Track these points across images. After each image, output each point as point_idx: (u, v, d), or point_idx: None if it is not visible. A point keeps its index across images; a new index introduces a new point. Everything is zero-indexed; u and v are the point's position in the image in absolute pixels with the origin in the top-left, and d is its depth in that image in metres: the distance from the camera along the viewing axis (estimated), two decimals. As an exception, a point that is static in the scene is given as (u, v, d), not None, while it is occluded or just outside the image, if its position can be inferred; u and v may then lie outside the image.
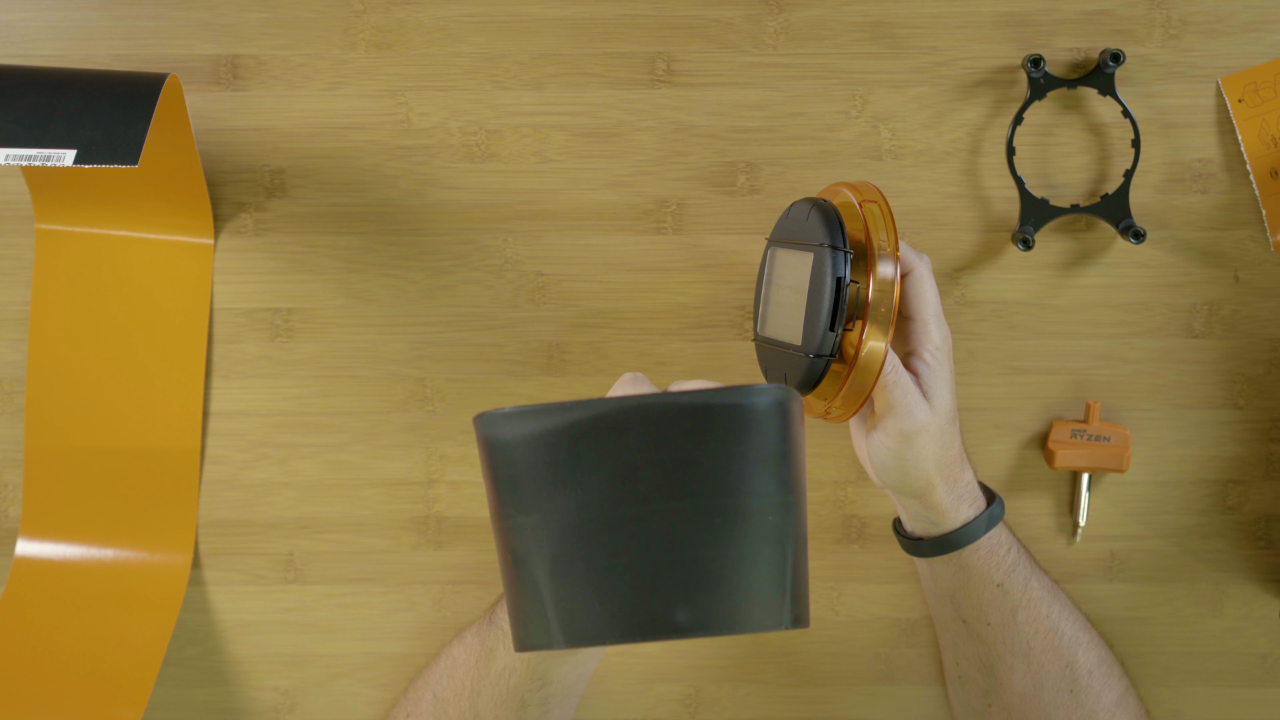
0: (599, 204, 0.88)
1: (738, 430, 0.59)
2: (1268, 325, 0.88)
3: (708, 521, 0.58)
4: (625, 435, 0.58)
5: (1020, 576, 0.82)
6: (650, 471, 0.58)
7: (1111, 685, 0.84)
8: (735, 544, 0.59)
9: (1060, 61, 0.86)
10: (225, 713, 0.91)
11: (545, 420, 0.59)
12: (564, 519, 0.59)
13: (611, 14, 0.86)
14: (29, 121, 0.71)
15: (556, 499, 0.59)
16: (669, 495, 0.58)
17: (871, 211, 0.76)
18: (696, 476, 0.58)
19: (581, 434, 0.59)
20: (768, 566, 0.60)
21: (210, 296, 0.88)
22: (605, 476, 0.58)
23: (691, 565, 0.58)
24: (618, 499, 0.58)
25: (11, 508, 0.89)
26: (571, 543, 0.59)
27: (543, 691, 0.82)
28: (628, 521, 0.58)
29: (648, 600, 0.58)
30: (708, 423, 0.59)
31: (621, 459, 0.58)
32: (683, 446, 0.58)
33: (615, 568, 0.58)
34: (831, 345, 0.74)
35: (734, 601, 0.59)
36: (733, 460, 0.59)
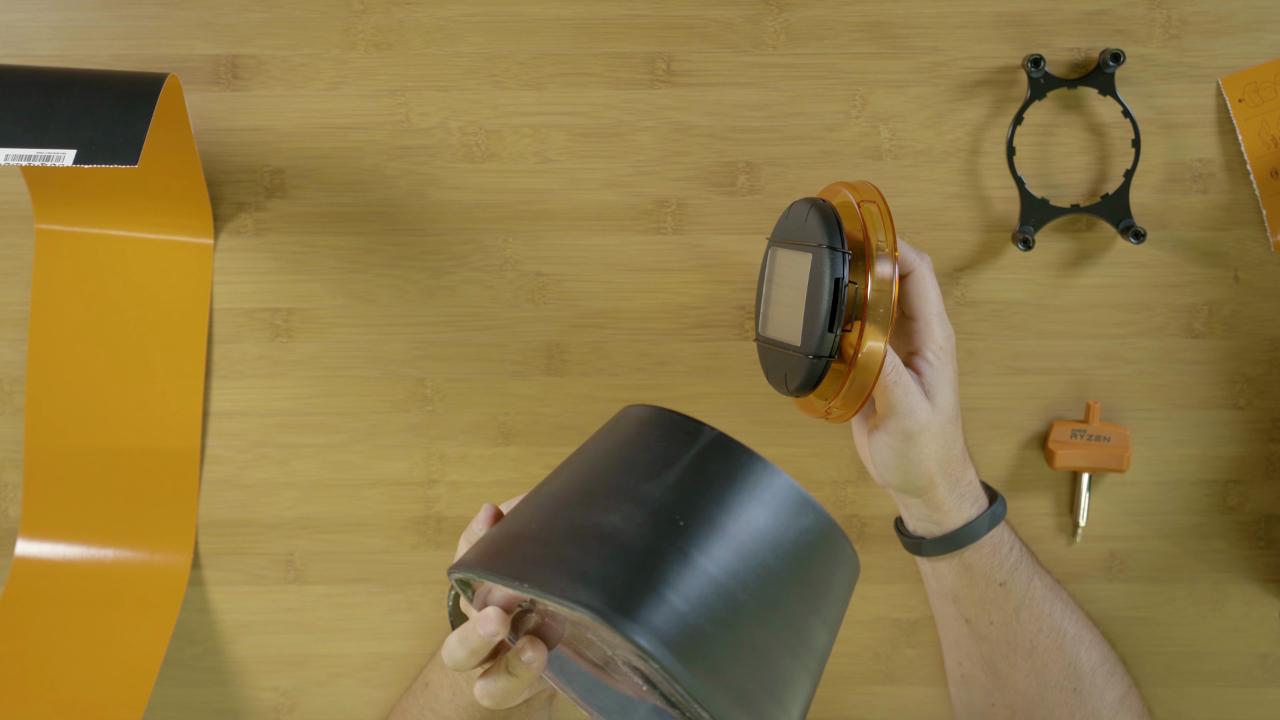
0: (599, 204, 0.87)
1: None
2: (1268, 325, 0.88)
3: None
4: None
5: (1023, 575, 0.82)
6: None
7: (1114, 684, 0.84)
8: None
9: (1060, 61, 0.86)
10: (225, 713, 0.91)
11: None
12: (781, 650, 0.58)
13: (611, 14, 0.86)
14: (29, 121, 0.71)
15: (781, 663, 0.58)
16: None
17: (870, 211, 0.76)
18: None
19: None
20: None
21: (210, 296, 0.88)
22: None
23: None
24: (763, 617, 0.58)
25: (11, 508, 0.89)
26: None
27: (549, 707, 0.83)
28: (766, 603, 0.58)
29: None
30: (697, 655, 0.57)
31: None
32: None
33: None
34: (830, 346, 0.74)
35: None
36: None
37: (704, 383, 0.88)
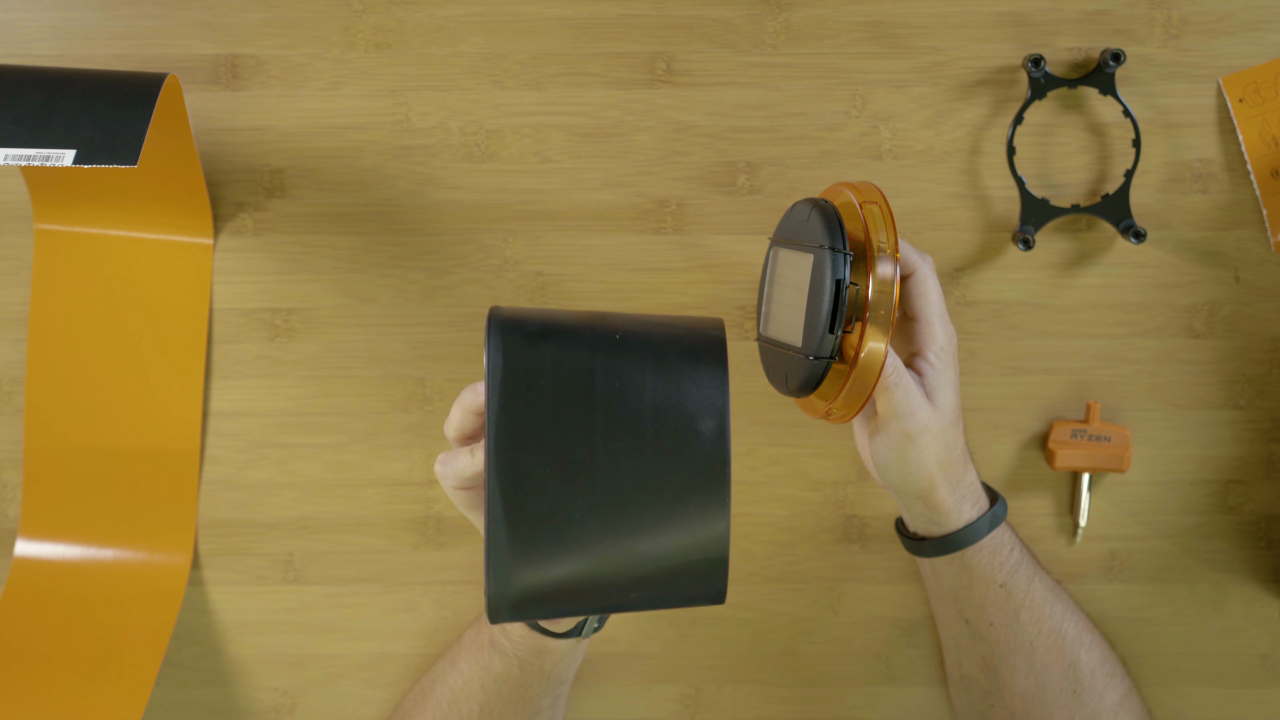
0: (599, 204, 0.87)
1: (529, 367, 0.64)
2: (1268, 325, 0.88)
3: (625, 400, 0.64)
4: (527, 469, 0.63)
5: (1023, 576, 0.82)
6: (562, 450, 0.63)
7: (1114, 685, 0.83)
8: (647, 376, 0.65)
9: (1060, 61, 0.86)
10: (225, 713, 0.91)
11: (502, 530, 0.63)
12: (596, 531, 0.63)
13: (611, 14, 0.86)
14: (29, 121, 0.71)
15: (572, 539, 0.64)
16: (588, 432, 0.64)
17: (871, 212, 0.76)
18: (571, 409, 0.64)
19: (521, 503, 0.63)
20: (666, 357, 0.66)
21: (210, 296, 0.88)
22: (563, 486, 0.63)
23: (660, 418, 0.64)
24: (589, 478, 0.63)
25: (11, 508, 0.89)
26: (623, 524, 0.63)
27: (556, 692, 0.83)
28: (610, 469, 0.63)
29: (692, 455, 0.63)
30: (518, 389, 0.64)
31: (550, 473, 0.63)
32: (541, 425, 0.64)
33: (654, 481, 0.63)
34: (831, 347, 0.74)
35: (696, 370, 0.65)
36: (562, 368, 0.65)
37: (704, 383, 0.88)
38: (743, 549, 0.90)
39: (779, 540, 0.89)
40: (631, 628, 0.90)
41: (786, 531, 0.89)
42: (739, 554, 0.89)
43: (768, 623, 0.90)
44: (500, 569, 0.63)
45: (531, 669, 0.80)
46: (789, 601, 0.90)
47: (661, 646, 0.90)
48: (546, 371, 0.63)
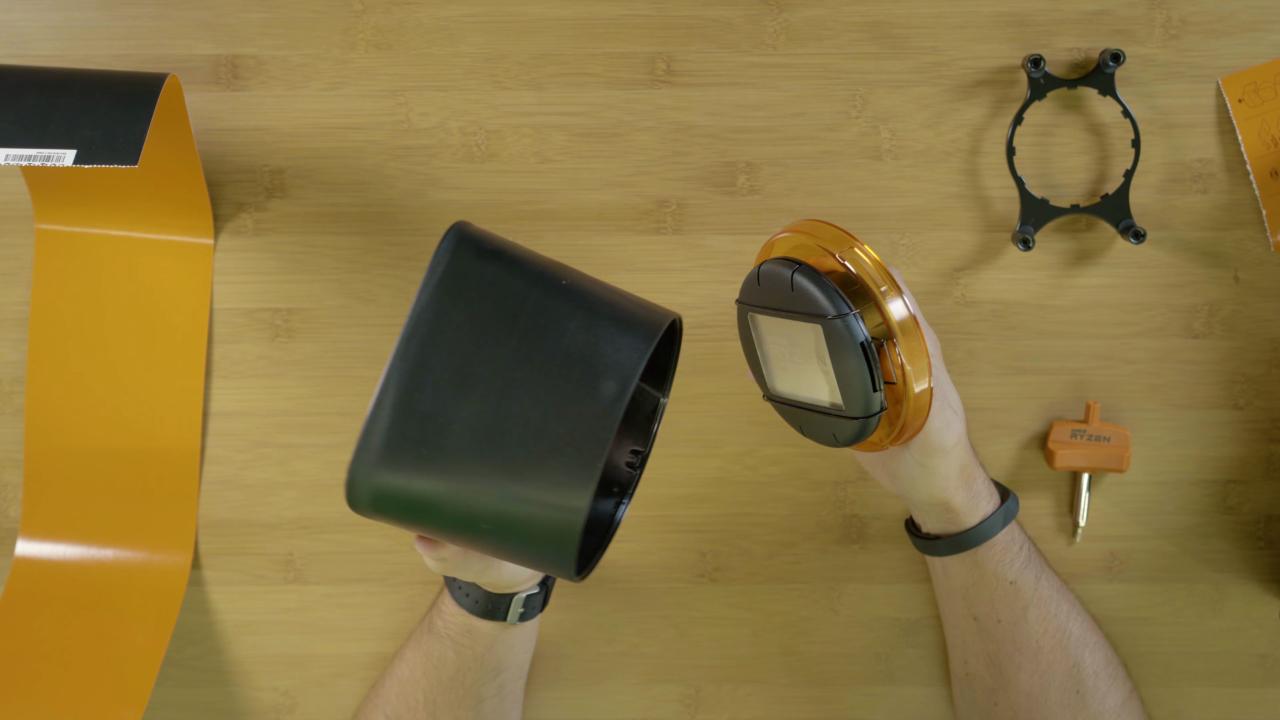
0: (599, 204, 0.88)
1: (470, 278, 0.66)
2: (1268, 325, 0.88)
3: (542, 338, 0.66)
4: (429, 366, 0.65)
5: (1032, 574, 0.82)
6: (469, 360, 0.65)
7: (1117, 687, 0.84)
8: (573, 325, 0.66)
9: (1060, 61, 0.86)
10: (225, 713, 0.91)
11: (370, 452, 0.66)
12: (471, 450, 0.65)
13: (611, 14, 0.86)
14: (29, 121, 0.71)
15: (448, 451, 0.65)
16: (499, 353, 0.65)
17: (855, 257, 0.73)
18: (492, 327, 0.65)
19: (411, 396, 0.65)
20: (598, 317, 0.67)
21: (210, 296, 0.88)
22: (455, 396, 0.65)
23: (568, 367, 0.65)
24: (482, 394, 0.65)
25: (11, 508, 0.89)
26: (497, 453, 0.65)
27: (497, 681, 0.84)
28: (504, 393, 0.65)
29: (584, 408, 0.65)
30: (450, 295, 0.65)
31: (449, 378, 0.65)
32: (458, 331, 0.65)
33: (539, 421, 0.65)
34: (879, 403, 0.73)
35: (621, 337, 0.66)
36: (498, 290, 0.66)
37: (704, 383, 0.88)
38: (742, 549, 0.90)
39: (779, 540, 0.89)
40: (631, 628, 0.90)
41: (786, 531, 0.89)
42: (738, 553, 0.89)
43: (768, 623, 0.90)
44: (369, 452, 0.65)
45: (466, 652, 0.82)
46: (789, 601, 0.90)
47: (661, 646, 0.90)
48: (482, 287, 0.66)
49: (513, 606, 0.80)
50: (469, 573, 0.76)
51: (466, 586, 0.80)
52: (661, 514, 0.89)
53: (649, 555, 0.90)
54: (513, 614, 0.80)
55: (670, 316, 0.70)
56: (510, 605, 0.80)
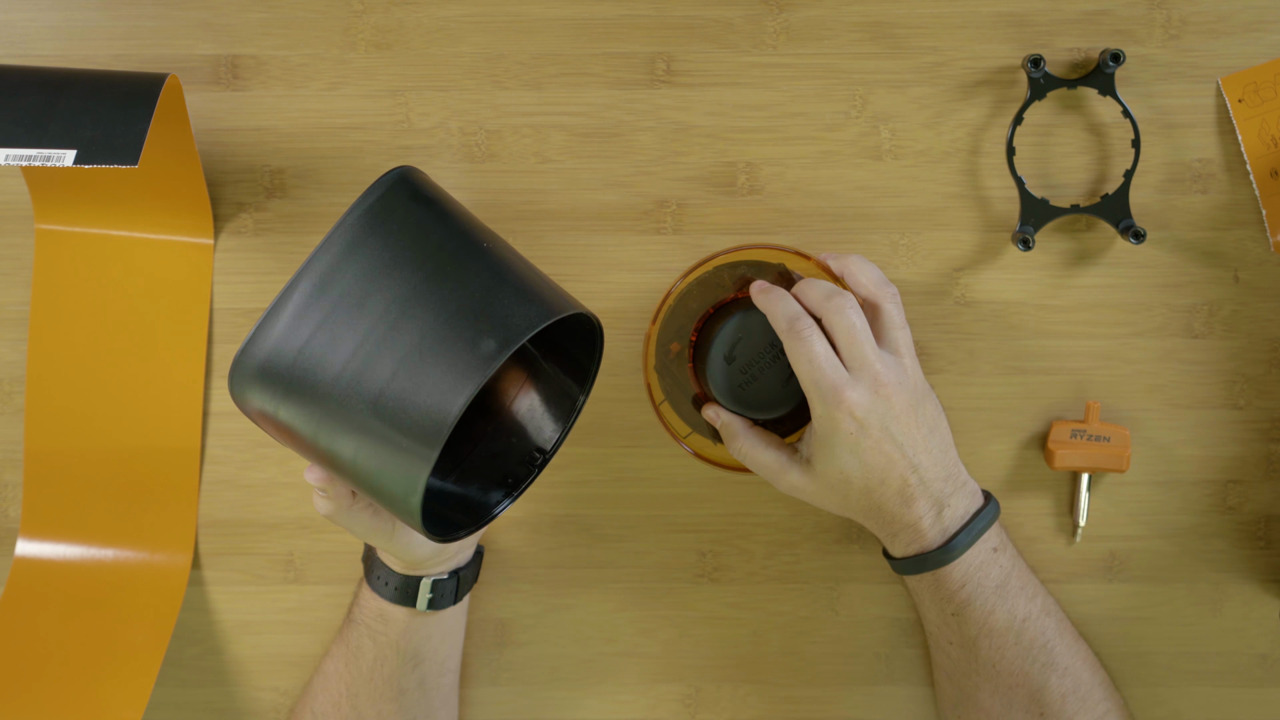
0: (599, 204, 0.88)
1: (399, 214, 0.69)
2: (1268, 325, 0.88)
3: (442, 284, 0.68)
4: (334, 282, 0.68)
5: (979, 609, 0.80)
6: (372, 286, 0.68)
7: (1086, 711, 0.82)
8: (475, 282, 0.69)
9: (1060, 61, 0.86)
10: (225, 713, 0.91)
11: (257, 359, 0.68)
12: (348, 371, 0.67)
13: (611, 14, 0.86)
14: (29, 121, 0.71)
15: (327, 365, 0.68)
16: (400, 288, 0.68)
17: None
18: (404, 263, 0.68)
19: (309, 304, 0.68)
20: (504, 281, 0.70)
21: (210, 296, 0.88)
22: (350, 314, 0.68)
23: (457, 317, 0.68)
24: (373, 323, 0.67)
25: (11, 508, 0.89)
26: (369, 380, 0.67)
27: (417, 673, 0.84)
28: (394, 326, 0.67)
29: (458, 356, 0.67)
30: (376, 223, 0.69)
31: (350, 296, 0.68)
32: (373, 259, 0.68)
33: (416, 359, 0.67)
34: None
35: (525, 308, 0.69)
36: (420, 232, 0.69)
37: (704, 383, 0.88)
38: (742, 549, 0.90)
39: (779, 540, 0.89)
40: (632, 627, 0.90)
41: (786, 531, 0.89)
42: (738, 553, 0.89)
43: (768, 623, 0.90)
44: (271, 326, 0.68)
45: (381, 639, 0.82)
46: (789, 601, 0.90)
47: (661, 646, 0.90)
48: (405, 225, 0.69)
49: (421, 591, 0.81)
50: (359, 526, 0.77)
51: (380, 570, 0.82)
52: (661, 514, 0.89)
53: (649, 555, 0.90)
54: (421, 599, 0.81)
55: (582, 310, 0.73)
56: (419, 590, 0.81)
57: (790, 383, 0.80)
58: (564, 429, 0.80)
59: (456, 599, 0.83)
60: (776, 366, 0.80)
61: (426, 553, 0.80)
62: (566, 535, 0.89)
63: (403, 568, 0.81)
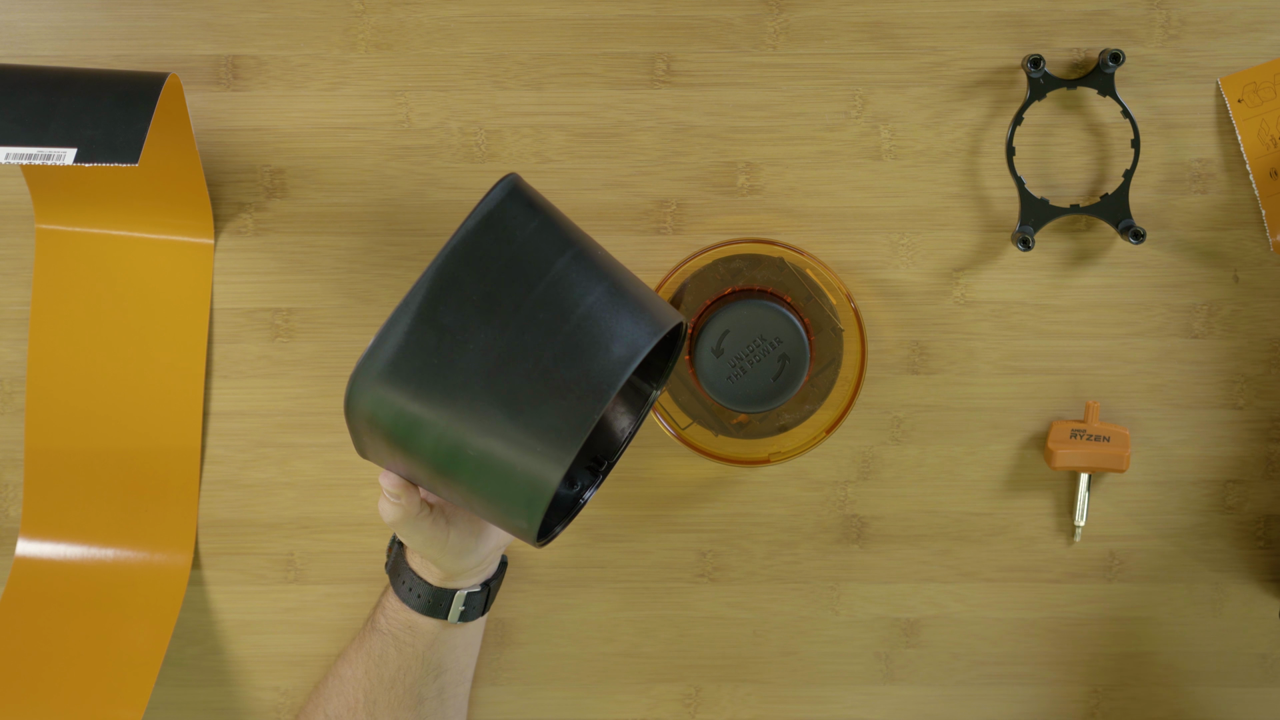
0: (599, 204, 0.88)
1: (509, 224, 0.69)
2: (1267, 325, 0.88)
3: (568, 287, 0.68)
4: (454, 291, 0.67)
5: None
6: (495, 297, 0.67)
7: None
8: (598, 286, 0.69)
9: (1060, 61, 0.86)
10: (225, 713, 0.91)
11: (393, 341, 0.67)
12: (481, 382, 0.67)
13: (611, 14, 0.86)
14: (29, 120, 0.71)
15: (459, 376, 0.67)
16: (523, 296, 0.68)
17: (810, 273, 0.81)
18: (524, 271, 0.68)
19: (428, 319, 0.67)
20: (626, 290, 0.70)
21: (210, 296, 0.88)
22: (475, 326, 0.67)
23: (593, 316, 0.68)
24: (495, 329, 0.67)
25: (11, 508, 0.89)
26: (503, 389, 0.67)
27: (438, 682, 0.84)
28: (520, 333, 0.67)
29: (591, 363, 0.67)
30: (495, 229, 0.68)
31: (469, 309, 0.67)
32: (493, 265, 0.68)
33: (546, 368, 0.66)
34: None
35: (638, 318, 0.69)
36: (532, 242, 0.69)
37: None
38: (742, 549, 0.90)
39: (779, 540, 0.90)
40: (631, 627, 0.90)
41: (786, 531, 0.89)
42: (738, 553, 0.89)
43: (768, 623, 0.90)
44: (382, 352, 0.67)
45: (407, 650, 0.82)
46: (789, 601, 0.90)
47: (661, 646, 0.90)
48: (525, 232, 0.69)
49: (454, 604, 0.81)
50: (419, 535, 0.76)
51: (410, 581, 0.81)
52: (661, 514, 0.89)
53: (649, 555, 0.90)
54: (453, 612, 0.81)
55: (682, 320, 0.73)
56: (452, 602, 0.81)
57: (780, 378, 0.80)
58: (637, 420, 0.80)
59: (484, 610, 0.83)
60: (766, 361, 0.80)
61: (471, 564, 0.80)
62: (566, 535, 0.89)
63: (437, 579, 0.81)
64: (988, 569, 0.90)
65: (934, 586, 0.89)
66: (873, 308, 0.88)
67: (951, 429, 0.88)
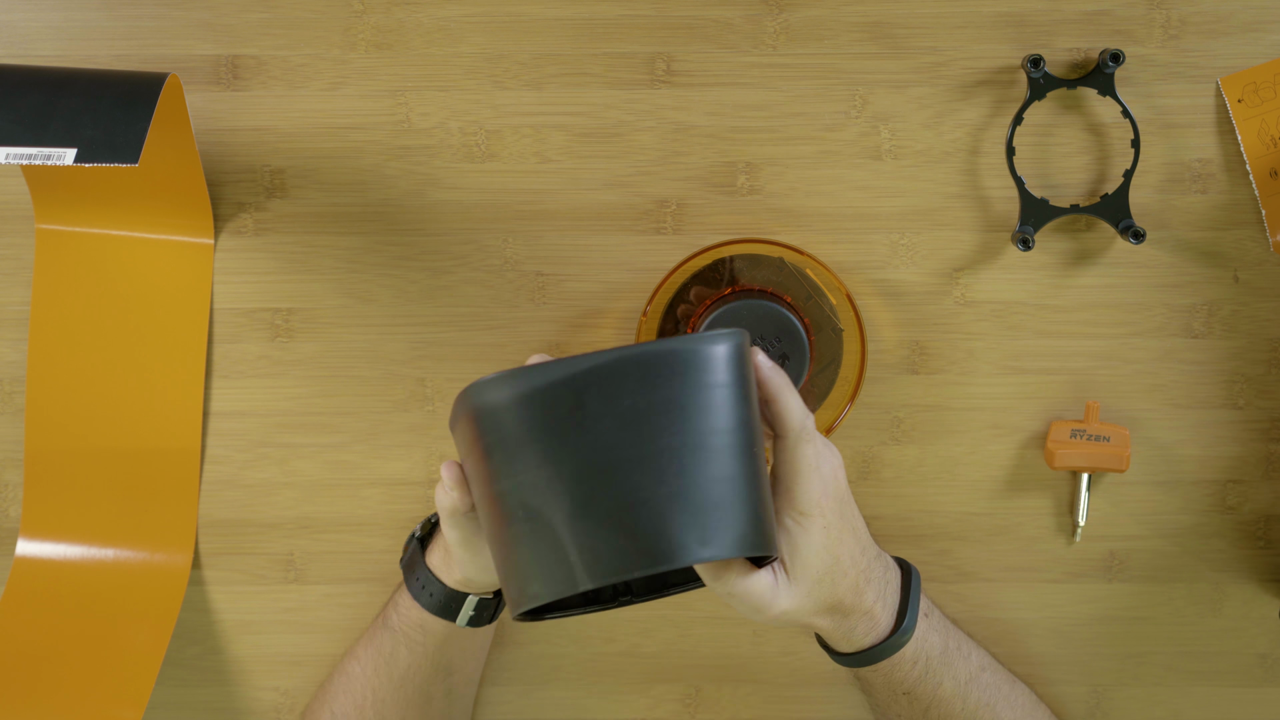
0: (599, 204, 0.88)
1: (714, 369, 0.65)
2: (1268, 325, 0.88)
3: (705, 454, 0.64)
4: (625, 382, 0.64)
5: (930, 684, 0.79)
6: (651, 412, 0.63)
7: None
8: (729, 473, 0.64)
9: (1060, 61, 0.86)
10: (225, 713, 0.91)
11: (547, 376, 0.64)
12: (578, 466, 0.63)
13: (611, 14, 0.86)
14: (29, 120, 0.71)
15: (568, 448, 0.63)
16: (671, 433, 0.63)
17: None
18: (688, 414, 0.64)
19: (585, 384, 0.64)
20: (754, 492, 0.65)
21: (210, 296, 0.88)
22: (613, 421, 0.63)
23: (700, 495, 0.63)
24: (627, 440, 0.63)
25: (11, 508, 0.89)
26: (589, 487, 0.63)
27: (446, 683, 0.84)
28: (640, 460, 0.63)
29: (669, 529, 0.63)
30: (691, 364, 0.64)
31: (625, 403, 0.63)
32: (672, 388, 0.64)
33: (636, 503, 0.63)
34: None
35: (735, 526, 0.64)
36: (714, 395, 0.65)
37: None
38: (743, 549, 0.90)
39: (779, 540, 0.89)
40: (631, 627, 0.90)
41: (786, 531, 0.89)
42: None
43: (768, 622, 0.90)
44: (529, 378, 0.64)
45: (417, 649, 0.81)
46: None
47: (661, 646, 0.90)
48: (715, 381, 0.66)
49: (464, 608, 0.80)
50: (457, 532, 0.74)
51: (425, 579, 0.80)
52: (661, 514, 0.89)
53: (649, 555, 0.90)
54: (463, 615, 0.80)
55: (774, 554, 0.68)
56: (463, 606, 0.80)
57: None
58: (650, 594, 0.77)
59: (492, 618, 0.82)
60: None
61: (492, 579, 0.78)
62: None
63: (454, 581, 0.79)
64: (988, 569, 0.89)
65: (934, 586, 0.89)
66: (873, 308, 0.88)
67: (951, 429, 0.88)
